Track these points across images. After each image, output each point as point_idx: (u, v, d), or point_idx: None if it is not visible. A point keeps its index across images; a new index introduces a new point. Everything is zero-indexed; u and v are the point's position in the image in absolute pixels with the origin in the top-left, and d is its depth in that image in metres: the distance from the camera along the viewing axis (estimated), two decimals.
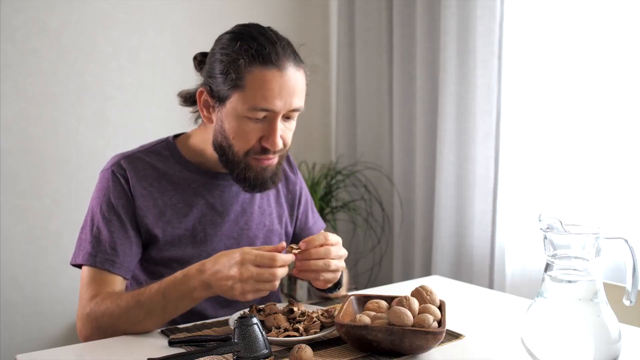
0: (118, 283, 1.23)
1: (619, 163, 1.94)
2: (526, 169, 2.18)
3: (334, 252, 1.15)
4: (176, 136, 1.38)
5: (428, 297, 1.08)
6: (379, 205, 2.87)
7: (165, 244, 1.28)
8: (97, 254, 1.22)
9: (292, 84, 1.19)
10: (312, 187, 2.81)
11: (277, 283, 1.08)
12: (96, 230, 1.24)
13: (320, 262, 1.13)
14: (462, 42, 2.35)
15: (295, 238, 1.52)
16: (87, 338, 1.17)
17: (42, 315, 2.43)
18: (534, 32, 2.13)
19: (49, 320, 2.44)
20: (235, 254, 1.08)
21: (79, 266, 1.25)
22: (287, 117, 1.24)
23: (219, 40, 1.25)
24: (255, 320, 0.96)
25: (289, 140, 1.27)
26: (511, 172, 2.23)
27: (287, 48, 1.21)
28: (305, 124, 3.12)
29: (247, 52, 1.17)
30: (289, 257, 1.09)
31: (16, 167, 2.35)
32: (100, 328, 1.15)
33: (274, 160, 1.26)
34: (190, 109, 1.36)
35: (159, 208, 1.28)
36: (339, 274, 1.18)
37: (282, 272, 1.08)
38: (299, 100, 1.22)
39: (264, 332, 0.96)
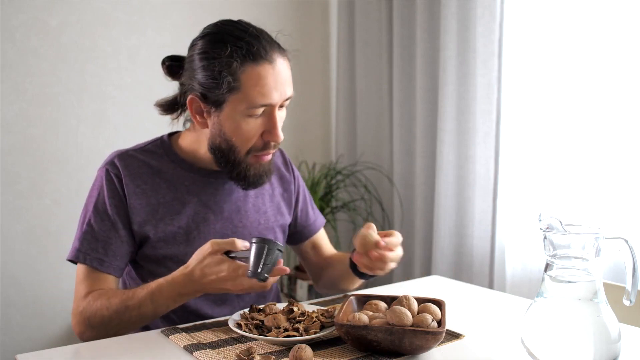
0: (110, 281, 1.26)
1: (619, 163, 1.94)
2: (526, 169, 2.18)
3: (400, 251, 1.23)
4: (171, 135, 1.38)
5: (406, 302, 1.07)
6: (379, 205, 2.87)
7: (159, 241, 1.28)
8: (87, 252, 1.25)
9: (284, 74, 1.22)
10: (312, 187, 2.81)
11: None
12: (87, 228, 1.26)
13: (395, 259, 1.22)
14: (462, 42, 2.35)
15: (297, 236, 1.52)
16: (81, 334, 1.21)
17: (42, 315, 2.43)
18: (534, 32, 2.13)
19: (49, 320, 2.44)
20: (223, 266, 1.12)
21: (75, 262, 1.27)
22: (280, 106, 1.25)
23: (194, 45, 1.25)
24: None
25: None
26: (511, 172, 2.23)
27: (270, 39, 1.23)
28: (305, 124, 3.13)
29: (238, 52, 1.18)
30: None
31: (16, 167, 2.35)
32: (92, 326, 1.19)
33: (271, 155, 1.29)
34: (170, 116, 1.37)
35: (151, 206, 1.28)
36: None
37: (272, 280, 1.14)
38: (290, 89, 1.25)
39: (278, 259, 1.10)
